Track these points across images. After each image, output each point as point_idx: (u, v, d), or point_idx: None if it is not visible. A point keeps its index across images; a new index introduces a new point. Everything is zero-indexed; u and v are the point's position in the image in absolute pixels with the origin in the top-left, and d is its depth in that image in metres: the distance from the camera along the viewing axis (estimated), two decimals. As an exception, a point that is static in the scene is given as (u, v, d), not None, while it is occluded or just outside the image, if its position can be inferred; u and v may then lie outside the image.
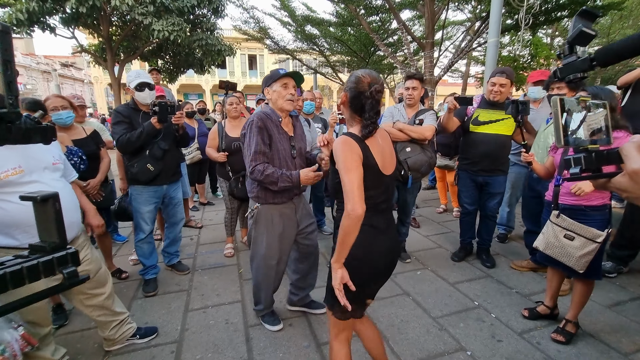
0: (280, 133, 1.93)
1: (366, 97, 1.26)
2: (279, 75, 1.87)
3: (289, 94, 1.87)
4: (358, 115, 1.31)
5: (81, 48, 11.82)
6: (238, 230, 3.75)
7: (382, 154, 1.31)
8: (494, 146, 2.83)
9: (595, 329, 2.17)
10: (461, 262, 3.15)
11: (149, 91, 2.49)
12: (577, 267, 1.94)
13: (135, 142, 2.40)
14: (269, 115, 1.92)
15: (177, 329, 2.22)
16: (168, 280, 2.84)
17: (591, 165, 0.60)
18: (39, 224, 0.45)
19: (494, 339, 2.10)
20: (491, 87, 2.76)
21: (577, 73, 0.67)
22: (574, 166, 0.62)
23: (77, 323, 2.25)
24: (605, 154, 0.58)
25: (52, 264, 0.42)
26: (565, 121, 0.62)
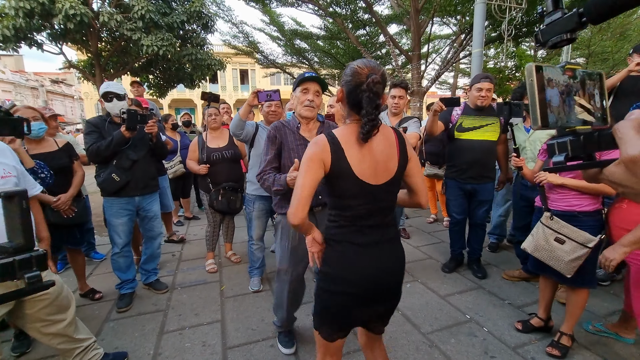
0: (296, 140, 1.84)
1: (362, 90, 1.08)
2: (300, 78, 1.81)
3: (307, 100, 1.79)
4: (355, 112, 1.14)
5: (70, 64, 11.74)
6: (222, 245, 3.62)
7: (366, 158, 1.13)
8: (480, 152, 2.80)
9: (591, 340, 2.07)
10: (452, 274, 3.05)
11: (117, 101, 2.42)
12: (565, 271, 1.88)
13: (105, 151, 2.34)
14: (287, 122, 1.90)
15: (150, 353, 2.06)
16: (144, 300, 2.68)
17: (579, 151, 0.47)
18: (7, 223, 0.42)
19: (487, 355, 1.99)
20: (477, 92, 2.74)
21: (563, 34, 0.51)
22: (557, 153, 0.49)
23: (40, 350, 2.08)
24: (595, 136, 0.45)
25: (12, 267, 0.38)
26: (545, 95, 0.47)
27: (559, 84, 0.49)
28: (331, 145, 1.12)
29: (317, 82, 1.81)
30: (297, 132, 1.85)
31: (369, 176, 1.14)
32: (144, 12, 9.10)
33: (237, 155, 3.14)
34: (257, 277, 2.87)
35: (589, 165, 0.47)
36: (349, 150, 1.12)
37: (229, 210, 3.11)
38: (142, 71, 12.23)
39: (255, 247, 2.84)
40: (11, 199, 0.41)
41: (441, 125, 2.85)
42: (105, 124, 2.45)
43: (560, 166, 0.49)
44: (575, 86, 0.50)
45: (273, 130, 1.85)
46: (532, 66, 0.48)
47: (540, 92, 0.47)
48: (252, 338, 2.18)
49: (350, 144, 1.13)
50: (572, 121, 0.49)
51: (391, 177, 1.18)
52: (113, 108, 2.43)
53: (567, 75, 0.50)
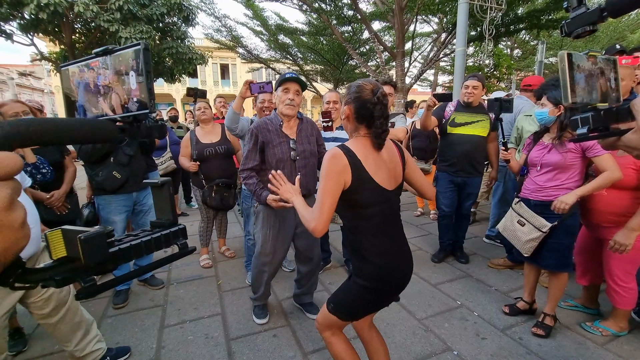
0: (279, 137, 1.97)
1: (373, 103, 1.17)
2: (282, 79, 1.94)
3: (287, 99, 1.92)
4: (365, 126, 1.22)
5: (41, 56, 11.17)
6: (215, 241, 3.61)
7: (381, 167, 1.23)
8: (471, 146, 2.96)
9: (571, 321, 2.25)
10: (441, 264, 3.20)
11: None
12: (523, 250, 2.11)
13: (101, 149, 2.28)
14: (270, 120, 2.01)
15: (153, 347, 2.06)
16: (141, 296, 2.66)
17: (599, 123, 0.56)
18: (156, 205, 0.54)
19: (479, 337, 2.12)
20: (465, 89, 2.93)
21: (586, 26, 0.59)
22: (581, 126, 0.58)
23: (37, 348, 2.04)
24: (614, 111, 0.55)
25: (169, 237, 0.51)
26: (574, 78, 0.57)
27: (584, 69, 0.58)
28: (349, 158, 1.16)
29: (297, 82, 1.96)
30: (280, 130, 1.98)
31: (386, 182, 1.24)
32: (122, 3, 8.79)
33: (230, 150, 3.12)
34: None
35: (608, 134, 0.56)
36: (365, 161, 1.19)
37: (222, 206, 3.10)
38: (120, 64, 11.81)
39: (251, 242, 2.86)
40: (163, 187, 0.53)
41: (434, 120, 3.00)
42: None
43: (585, 136, 0.59)
44: (597, 70, 0.60)
45: (255, 129, 1.97)
46: (565, 53, 0.57)
47: (571, 75, 0.57)
48: (255, 329, 2.22)
49: (366, 155, 1.20)
50: (593, 99, 0.58)
51: (400, 182, 1.31)
52: None
53: (590, 61, 0.59)
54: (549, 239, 2.01)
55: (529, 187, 2.13)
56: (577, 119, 0.59)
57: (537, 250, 2.07)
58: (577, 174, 1.96)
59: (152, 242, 0.48)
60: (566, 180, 1.96)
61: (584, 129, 0.58)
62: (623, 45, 2.96)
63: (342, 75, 13.28)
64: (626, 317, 2.11)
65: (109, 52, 0.51)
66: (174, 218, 0.53)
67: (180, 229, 0.52)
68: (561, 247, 2.01)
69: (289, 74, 1.94)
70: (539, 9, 7.80)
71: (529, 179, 2.14)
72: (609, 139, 0.56)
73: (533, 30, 8.42)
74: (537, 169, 2.08)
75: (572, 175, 1.96)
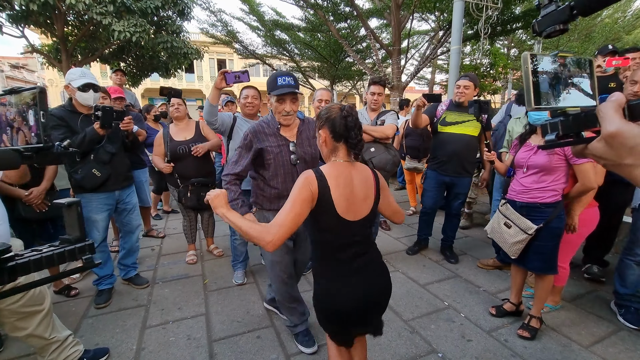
0: (278, 140, 1.81)
1: (344, 117, 1.21)
2: (275, 93, 1.71)
3: (283, 110, 1.74)
4: (343, 142, 1.24)
5: (32, 48, 10.97)
6: (204, 239, 3.57)
7: (348, 197, 1.21)
8: (460, 145, 2.95)
9: (556, 322, 2.24)
10: (431, 263, 3.18)
11: (93, 93, 2.27)
12: (510, 252, 2.09)
13: (78, 148, 2.19)
14: (267, 122, 1.85)
15: (133, 348, 2.02)
16: (124, 296, 2.62)
17: (569, 129, 0.53)
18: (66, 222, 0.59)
19: (464, 339, 2.10)
20: (457, 89, 2.93)
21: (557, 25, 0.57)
22: (550, 132, 0.55)
23: (13, 349, 2.00)
24: (582, 116, 0.51)
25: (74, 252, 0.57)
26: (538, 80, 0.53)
27: (550, 71, 0.55)
28: (319, 182, 1.18)
29: (291, 94, 1.74)
30: (278, 132, 1.82)
31: (348, 213, 1.22)
32: (115, -5, 8.62)
33: None
34: (241, 270, 2.87)
35: (576, 142, 0.53)
36: (334, 189, 1.19)
37: (199, 206, 3.01)
38: (113, 58, 11.63)
39: (238, 242, 2.82)
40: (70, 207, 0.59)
41: (426, 118, 3.00)
42: (77, 116, 2.28)
43: (553, 143, 0.56)
44: (566, 72, 0.56)
45: (250, 134, 1.80)
46: (527, 55, 0.53)
47: (534, 77, 0.53)
48: (238, 330, 2.18)
49: (337, 183, 1.20)
50: (562, 103, 0.55)
51: (367, 213, 1.27)
52: (88, 99, 2.27)
53: (558, 62, 0.56)
54: (534, 241, 1.99)
55: (515, 189, 2.11)
56: (546, 124, 0.56)
57: (523, 252, 2.06)
58: (563, 176, 1.94)
59: (54, 256, 0.54)
60: (552, 182, 1.94)
61: (552, 135, 0.55)
62: (616, 46, 2.94)
63: (338, 72, 13.19)
64: (560, 293, 2.37)
65: (14, 92, 0.61)
66: (81, 234, 0.58)
67: (87, 244, 0.58)
68: (546, 249, 1.99)
69: (281, 80, 1.70)
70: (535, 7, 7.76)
71: (515, 180, 2.12)
72: (577, 147, 0.53)
73: (529, 30, 8.39)
74: (523, 170, 2.05)
75: (558, 178, 1.94)
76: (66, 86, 2.27)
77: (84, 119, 2.27)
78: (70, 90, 2.25)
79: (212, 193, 1.24)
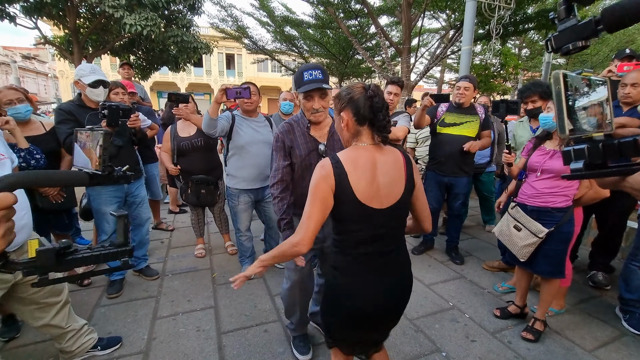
0: (307, 142, 1.67)
1: (370, 97, 1.10)
2: (302, 90, 1.57)
3: (312, 108, 1.60)
4: (368, 125, 1.14)
5: (45, 40, 11.11)
6: (214, 233, 3.63)
7: (373, 182, 1.11)
8: (457, 147, 2.98)
9: (560, 326, 2.25)
10: (437, 264, 3.20)
11: (103, 89, 2.31)
12: (519, 255, 2.10)
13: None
14: (296, 121, 1.72)
15: (144, 338, 2.09)
16: (135, 287, 2.68)
17: (597, 158, 0.47)
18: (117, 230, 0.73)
19: (468, 339, 2.13)
20: (456, 90, 2.98)
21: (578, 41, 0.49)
22: (574, 160, 0.50)
23: (30, 335, 2.07)
24: (616, 144, 0.45)
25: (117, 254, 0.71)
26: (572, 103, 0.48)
27: (581, 92, 0.50)
28: (335, 169, 1.10)
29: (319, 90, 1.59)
30: (308, 133, 1.68)
31: (372, 200, 1.11)
32: (127, -11, 8.69)
33: (208, 143, 2.98)
34: (249, 265, 2.89)
35: (610, 173, 0.48)
36: (352, 173, 1.10)
37: (199, 204, 3.06)
38: (124, 51, 11.73)
39: (243, 239, 2.83)
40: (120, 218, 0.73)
41: (428, 119, 3.03)
42: (86, 111, 2.30)
43: (581, 173, 0.50)
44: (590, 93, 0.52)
45: (281, 135, 1.69)
46: (560, 74, 0.48)
47: (567, 101, 0.49)
48: (246, 323, 2.23)
49: (355, 167, 1.11)
50: (589, 128, 0.50)
51: (397, 200, 1.14)
52: (99, 95, 2.29)
53: (584, 82, 0.51)
54: (543, 245, 2.01)
55: (526, 192, 2.11)
56: (569, 151, 0.50)
57: (532, 256, 2.07)
58: (577, 182, 1.94)
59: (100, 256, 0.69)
60: (565, 187, 1.95)
61: (579, 164, 0.50)
62: (634, 50, 2.91)
63: (347, 69, 13.17)
64: (564, 296, 2.40)
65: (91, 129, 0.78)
66: (125, 241, 0.72)
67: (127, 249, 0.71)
68: (555, 253, 2.00)
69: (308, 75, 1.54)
70: (548, 8, 7.67)
71: (527, 183, 2.13)
72: (609, 178, 0.50)
73: (542, 31, 8.28)
74: (536, 174, 2.06)
75: (572, 184, 1.94)
76: (76, 82, 2.29)
77: (92, 114, 2.28)
78: (80, 85, 2.28)
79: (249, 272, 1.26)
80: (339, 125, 1.20)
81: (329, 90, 1.61)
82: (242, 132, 2.55)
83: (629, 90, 2.26)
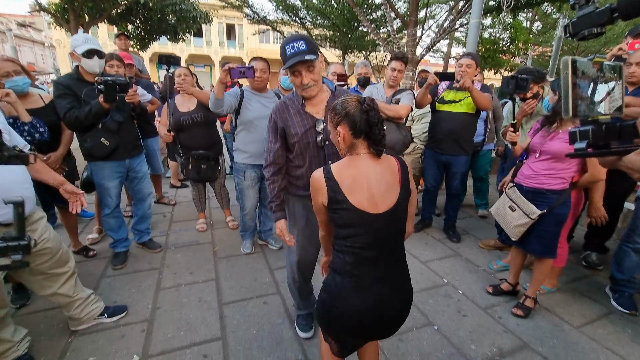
0: (302, 119, 1.59)
1: (365, 111, 1.10)
2: (285, 65, 1.48)
3: (300, 83, 1.51)
4: (364, 138, 1.14)
5: (39, 7, 10.74)
6: (215, 208, 3.68)
7: (367, 188, 1.12)
8: (456, 124, 2.96)
9: (551, 304, 2.32)
10: (433, 242, 3.26)
11: (98, 59, 2.24)
12: (511, 234, 2.15)
13: (84, 121, 2.21)
14: (291, 99, 1.64)
15: (148, 307, 2.18)
16: (139, 259, 2.77)
17: (600, 139, 0.52)
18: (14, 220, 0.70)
19: (460, 314, 2.21)
20: (458, 68, 2.89)
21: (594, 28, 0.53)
22: (579, 140, 0.54)
23: (39, 303, 2.16)
24: (617, 127, 0.50)
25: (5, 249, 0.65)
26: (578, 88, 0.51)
27: (589, 77, 0.53)
28: (327, 180, 1.13)
29: (302, 63, 1.46)
30: (303, 110, 1.60)
31: (367, 205, 1.12)
32: (123, -48, 8.27)
33: (208, 118, 2.94)
34: (249, 240, 2.97)
35: (609, 153, 0.52)
36: (344, 181, 1.12)
37: (200, 179, 3.07)
38: (121, 20, 11.35)
39: (247, 218, 2.86)
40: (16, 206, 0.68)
41: (429, 98, 2.99)
42: (84, 85, 2.26)
43: (583, 152, 0.55)
44: (600, 78, 0.54)
45: (274, 115, 1.63)
46: (569, 60, 0.51)
47: (574, 84, 0.52)
48: (246, 295, 2.32)
49: (346, 175, 1.13)
50: (594, 111, 0.53)
51: (392, 205, 1.14)
52: (94, 66, 2.25)
53: (595, 67, 0.53)
54: (536, 225, 2.03)
55: (524, 173, 2.12)
56: (575, 131, 0.54)
57: (524, 235, 2.11)
58: (575, 165, 1.94)
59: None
60: (562, 170, 1.95)
61: (583, 144, 0.54)
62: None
63: (351, 42, 12.75)
64: (557, 275, 2.46)
65: None
66: (19, 234, 0.67)
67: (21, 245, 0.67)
68: (547, 234, 2.03)
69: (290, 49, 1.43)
70: None
71: (526, 164, 2.13)
72: (609, 158, 0.54)
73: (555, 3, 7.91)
74: (535, 155, 2.05)
75: (569, 166, 1.93)
76: (71, 53, 2.25)
77: (90, 89, 2.24)
78: (75, 57, 2.23)
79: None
80: (335, 137, 1.20)
81: (317, 61, 1.48)
82: (250, 107, 2.54)
83: (634, 70, 2.22)
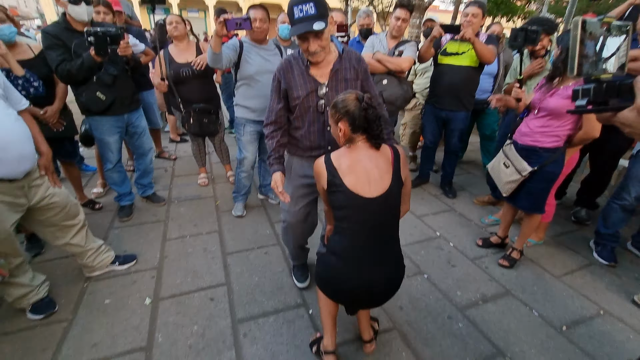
0: (305, 82, 1.54)
1: (364, 109, 1.19)
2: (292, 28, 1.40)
3: (307, 50, 1.44)
4: (362, 132, 1.23)
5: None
6: (216, 163, 3.72)
7: (362, 173, 1.21)
8: (458, 78, 2.87)
9: (536, 256, 2.46)
10: (429, 197, 3.35)
11: (86, 6, 2.11)
12: (502, 190, 2.23)
13: (77, 75, 2.14)
14: (296, 58, 1.57)
15: (156, 256, 2.32)
16: (143, 212, 2.87)
17: (600, 97, 0.55)
18: None
19: (449, 264, 2.35)
20: (464, 17, 2.72)
21: None
22: (580, 98, 0.57)
23: (54, 251, 2.29)
24: (617, 85, 0.53)
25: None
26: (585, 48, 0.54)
27: (596, 37, 0.55)
28: (327, 166, 1.25)
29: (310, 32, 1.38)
30: (307, 72, 1.53)
31: (361, 189, 1.21)
32: None
33: (207, 70, 2.81)
34: (241, 203, 2.91)
35: (606, 109, 0.55)
36: (341, 166, 1.23)
37: (201, 133, 3.03)
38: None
39: (243, 175, 2.81)
40: None
41: (432, 52, 2.86)
42: (73, 35, 2.15)
43: (583, 109, 0.58)
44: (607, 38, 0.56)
45: (278, 74, 1.58)
46: (579, 20, 0.53)
47: (582, 45, 0.54)
48: (248, 246, 2.45)
49: (343, 161, 1.24)
50: (599, 70, 0.56)
51: (385, 190, 1.22)
52: (82, 13, 2.11)
53: (603, 27, 0.55)
54: (527, 182, 2.09)
55: (521, 130, 2.12)
56: (578, 89, 0.57)
57: (515, 191, 2.17)
58: (570, 123, 1.92)
59: None
60: (557, 127, 1.94)
61: (583, 101, 0.57)
62: None
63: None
64: (544, 230, 2.57)
65: None
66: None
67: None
68: (537, 190, 2.10)
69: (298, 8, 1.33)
70: None
71: (525, 122, 2.12)
72: (605, 114, 0.56)
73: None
74: (534, 112, 2.04)
75: (565, 124, 1.92)
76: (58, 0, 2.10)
77: (80, 40, 2.12)
78: (61, 2, 2.09)
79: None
80: (335, 132, 1.29)
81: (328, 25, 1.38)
82: (251, 60, 2.42)
83: None
